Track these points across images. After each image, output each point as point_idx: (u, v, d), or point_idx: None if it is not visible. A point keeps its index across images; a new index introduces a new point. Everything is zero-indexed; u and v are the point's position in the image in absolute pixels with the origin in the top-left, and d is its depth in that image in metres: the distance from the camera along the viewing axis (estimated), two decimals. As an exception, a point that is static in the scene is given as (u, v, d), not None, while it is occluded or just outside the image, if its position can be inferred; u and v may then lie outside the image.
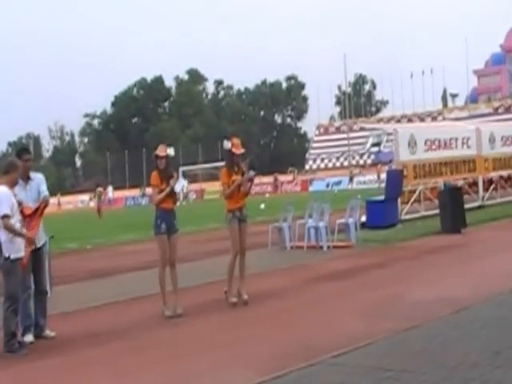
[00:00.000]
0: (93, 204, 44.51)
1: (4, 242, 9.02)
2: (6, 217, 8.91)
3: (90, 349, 9.01)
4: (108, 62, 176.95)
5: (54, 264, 14.18)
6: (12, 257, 9.00)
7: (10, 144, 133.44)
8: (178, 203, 11.39)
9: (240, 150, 11.36)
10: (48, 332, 9.75)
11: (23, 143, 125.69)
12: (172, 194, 10.91)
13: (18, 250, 9.07)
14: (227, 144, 11.45)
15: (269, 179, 73.85)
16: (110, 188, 70.02)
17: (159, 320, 10.40)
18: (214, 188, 75.21)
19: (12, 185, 9.24)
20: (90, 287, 14.76)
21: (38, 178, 9.84)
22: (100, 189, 44.20)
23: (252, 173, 11.50)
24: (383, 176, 59.61)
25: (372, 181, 63.33)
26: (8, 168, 9.27)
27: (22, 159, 9.60)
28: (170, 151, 11.06)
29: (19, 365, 8.47)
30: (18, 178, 9.33)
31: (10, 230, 8.96)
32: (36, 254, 9.61)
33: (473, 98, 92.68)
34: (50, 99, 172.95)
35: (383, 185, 26.96)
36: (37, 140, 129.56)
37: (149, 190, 70.90)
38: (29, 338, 9.52)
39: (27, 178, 9.66)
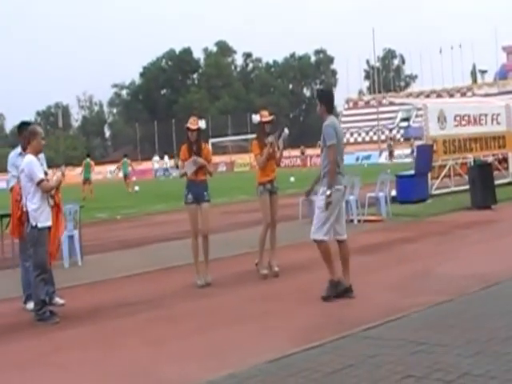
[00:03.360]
0: (121, 175, 43.77)
1: (31, 211, 9.10)
2: (42, 181, 9.01)
3: (121, 318, 9.07)
4: (136, 32, 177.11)
5: (83, 233, 14.32)
6: (39, 225, 9.07)
7: (38, 113, 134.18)
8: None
9: (268, 117, 11.35)
10: (57, 299, 9.82)
11: (51, 112, 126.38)
12: (201, 167, 10.94)
13: (45, 218, 9.14)
14: (256, 117, 11.45)
15: (296, 152, 73.60)
16: (156, 157, 69.76)
17: (190, 290, 10.45)
18: (243, 160, 75.19)
19: (37, 152, 9.29)
20: (121, 257, 14.84)
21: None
22: (127, 159, 43.69)
23: (286, 131, 11.51)
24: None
25: (402, 155, 62.89)
26: (28, 137, 9.33)
27: (23, 135, 9.77)
28: (202, 124, 11.06)
29: (51, 333, 8.54)
30: (41, 145, 9.37)
31: (50, 189, 9.12)
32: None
33: (502, 75, 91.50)
34: (79, 69, 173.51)
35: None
36: (65, 109, 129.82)
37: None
38: (30, 305, 9.63)
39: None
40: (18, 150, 9.98)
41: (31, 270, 9.17)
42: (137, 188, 40.65)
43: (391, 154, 65.24)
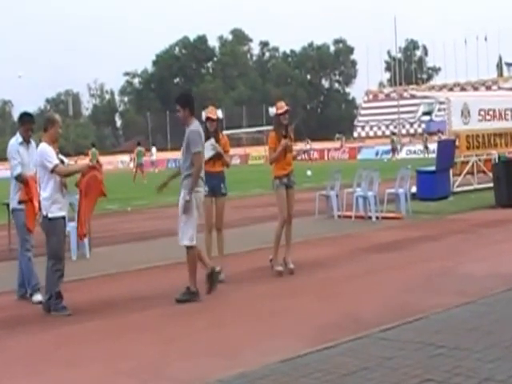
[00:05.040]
0: (131, 165, 43.40)
1: (43, 200, 9.16)
2: (56, 166, 9.07)
3: (131, 313, 9.10)
4: (149, 19, 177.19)
5: (92, 225, 14.34)
6: (50, 215, 9.13)
7: (48, 100, 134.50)
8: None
9: (283, 109, 11.33)
10: (38, 296, 9.83)
11: (61, 100, 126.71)
12: (219, 157, 10.93)
13: (57, 209, 9.19)
14: (272, 110, 11.44)
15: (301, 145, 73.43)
16: (153, 149, 69.93)
17: (202, 286, 10.44)
18: (258, 153, 75.17)
19: (53, 141, 9.35)
20: (131, 250, 14.86)
21: (34, 145, 10.13)
22: (141, 148, 43.39)
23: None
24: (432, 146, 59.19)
25: (423, 151, 62.67)
26: (46, 124, 9.38)
27: (24, 127, 10.00)
28: (220, 114, 11.07)
29: (63, 326, 8.59)
30: (58, 134, 9.44)
31: (68, 173, 9.24)
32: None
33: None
34: (90, 56, 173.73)
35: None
36: (76, 97, 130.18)
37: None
38: (37, 297, 9.73)
39: (28, 142, 10.07)
40: (19, 138, 10.06)
41: (47, 262, 9.23)
42: (156, 170, 40.42)
43: (394, 151, 64.31)
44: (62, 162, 9.48)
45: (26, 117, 10.23)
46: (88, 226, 9.84)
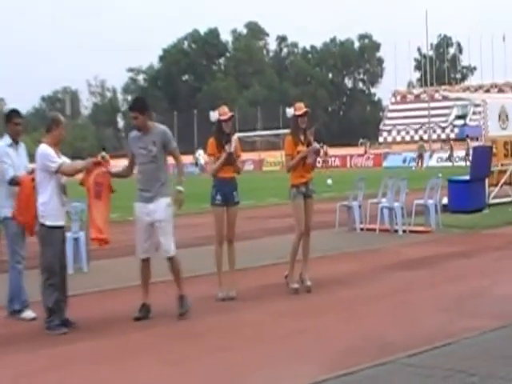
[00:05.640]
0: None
1: (39, 205, 9.22)
2: (61, 166, 9.12)
3: (132, 333, 9.12)
4: (156, 10, 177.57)
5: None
6: (48, 223, 9.18)
7: (43, 99, 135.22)
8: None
9: (302, 110, 11.33)
10: (28, 313, 9.92)
11: (58, 98, 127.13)
12: (231, 162, 10.94)
13: (55, 217, 9.23)
14: (290, 111, 11.43)
15: (335, 151, 73.35)
16: (200, 151, 69.07)
17: (212, 304, 10.48)
18: (274, 158, 75.12)
19: (55, 143, 9.39)
20: (133, 263, 14.74)
21: (23, 146, 10.27)
22: None
23: (317, 145, 11.50)
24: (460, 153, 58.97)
25: (449, 159, 62.46)
26: (50, 125, 9.42)
27: (12, 122, 10.05)
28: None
29: (57, 346, 8.61)
30: (62, 136, 9.50)
31: (74, 171, 9.33)
32: None
33: None
34: (90, 50, 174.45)
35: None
36: (74, 95, 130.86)
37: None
38: (28, 314, 9.78)
39: (16, 143, 10.12)
40: (7, 140, 10.07)
41: (41, 276, 9.26)
42: None
43: (421, 158, 63.66)
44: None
45: (11, 112, 10.30)
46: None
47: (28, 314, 9.82)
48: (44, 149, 9.21)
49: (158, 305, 10.50)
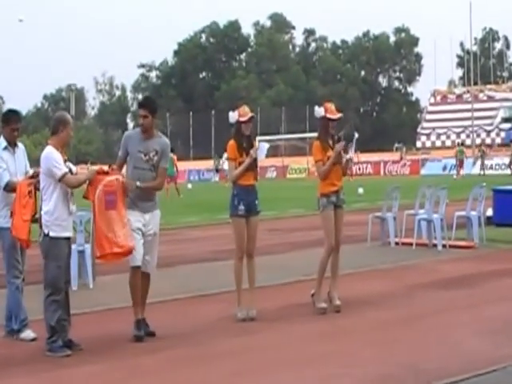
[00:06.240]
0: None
1: (43, 215, 9.26)
2: (65, 175, 9.16)
3: (142, 356, 9.12)
4: (171, 1, 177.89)
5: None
6: (52, 235, 9.22)
7: (46, 97, 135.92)
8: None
9: (336, 115, 11.30)
10: (28, 332, 9.94)
11: (62, 97, 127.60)
12: (253, 168, 10.94)
13: (60, 228, 9.26)
14: (319, 111, 11.34)
15: (367, 157, 73.24)
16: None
17: (229, 324, 10.48)
18: (299, 165, 75.15)
19: (62, 145, 9.43)
20: (143, 280, 14.87)
21: (22, 148, 10.35)
22: (173, 155, 42.94)
23: (356, 134, 11.44)
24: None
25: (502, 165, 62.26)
26: (56, 126, 9.46)
27: (10, 127, 10.06)
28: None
29: (58, 370, 8.63)
30: (69, 138, 9.55)
31: (78, 184, 9.37)
32: None
33: None
34: (97, 44, 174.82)
35: None
36: (80, 94, 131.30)
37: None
38: (28, 334, 9.82)
39: (14, 145, 10.19)
40: (3, 143, 10.08)
41: (44, 292, 9.30)
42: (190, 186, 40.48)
43: (460, 166, 63.15)
44: (71, 171, 9.53)
45: (10, 114, 10.27)
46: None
47: (27, 334, 9.86)
48: (49, 152, 9.25)
49: (166, 326, 10.54)
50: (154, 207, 10.01)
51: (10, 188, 9.90)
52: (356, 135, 11.46)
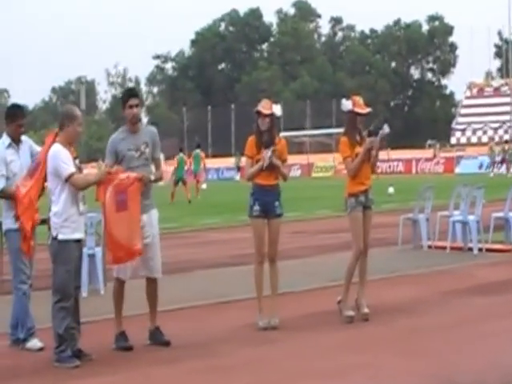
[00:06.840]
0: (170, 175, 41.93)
1: (52, 216, 9.30)
2: (72, 175, 9.18)
3: (157, 366, 9.16)
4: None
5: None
6: (60, 237, 9.24)
7: (54, 90, 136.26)
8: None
9: (365, 110, 11.28)
10: (35, 341, 9.97)
11: (71, 90, 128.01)
12: (272, 167, 10.89)
13: (70, 230, 9.28)
14: (347, 104, 11.32)
15: (398, 154, 73.10)
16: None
17: (249, 333, 10.49)
18: (325, 162, 75.08)
19: (70, 141, 9.45)
20: (160, 285, 14.89)
21: (26, 141, 10.39)
22: (200, 151, 42.45)
23: (386, 129, 11.36)
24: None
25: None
26: (62, 121, 9.48)
27: (15, 123, 10.11)
28: (277, 110, 10.97)
29: (66, 382, 8.65)
30: (77, 133, 9.56)
31: (87, 185, 9.37)
32: None
33: None
34: (109, 34, 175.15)
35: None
36: (90, 86, 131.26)
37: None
38: (35, 343, 9.85)
39: (18, 141, 10.23)
40: (6, 140, 10.13)
41: (52, 297, 9.33)
42: (204, 186, 40.61)
43: (495, 164, 62.58)
44: (80, 169, 9.56)
45: (15, 110, 10.32)
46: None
47: (34, 343, 9.88)
48: (56, 150, 9.27)
49: (183, 335, 10.55)
50: (150, 207, 10.01)
51: (4, 195, 9.94)
52: (387, 129, 11.34)
